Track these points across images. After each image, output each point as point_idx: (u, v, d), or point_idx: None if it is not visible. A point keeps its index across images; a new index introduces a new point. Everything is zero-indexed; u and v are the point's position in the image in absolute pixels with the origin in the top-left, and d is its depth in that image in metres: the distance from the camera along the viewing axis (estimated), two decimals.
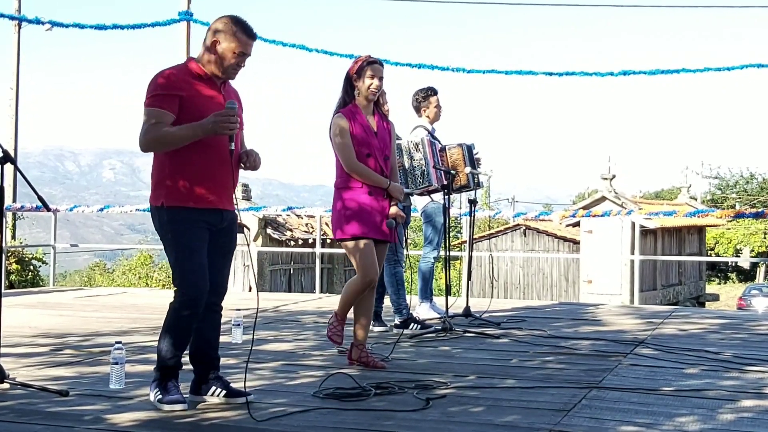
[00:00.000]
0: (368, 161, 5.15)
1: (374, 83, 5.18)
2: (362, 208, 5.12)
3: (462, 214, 11.29)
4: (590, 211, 13.92)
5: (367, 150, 5.15)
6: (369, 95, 5.20)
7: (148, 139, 4.02)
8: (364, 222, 5.11)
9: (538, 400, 4.32)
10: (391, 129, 5.40)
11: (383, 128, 5.30)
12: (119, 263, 34.76)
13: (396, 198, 5.22)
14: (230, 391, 4.30)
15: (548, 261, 31.15)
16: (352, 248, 5.17)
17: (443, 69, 14.42)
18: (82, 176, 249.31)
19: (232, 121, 3.98)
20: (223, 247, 4.28)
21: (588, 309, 8.92)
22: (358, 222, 5.10)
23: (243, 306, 6.95)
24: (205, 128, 3.98)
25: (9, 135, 19.96)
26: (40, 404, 4.22)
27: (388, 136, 5.32)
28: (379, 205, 5.17)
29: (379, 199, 5.17)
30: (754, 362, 5.40)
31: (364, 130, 5.18)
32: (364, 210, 5.12)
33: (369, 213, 5.13)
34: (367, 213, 5.13)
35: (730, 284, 49.21)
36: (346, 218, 5.15)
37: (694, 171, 53.81)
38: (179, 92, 4.06)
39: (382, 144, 5.24)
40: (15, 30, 20.48)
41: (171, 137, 4.01)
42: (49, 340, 6.41)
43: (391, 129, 5.39)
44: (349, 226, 5.13)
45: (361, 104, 5.23)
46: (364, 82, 5.18)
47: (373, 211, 5.14)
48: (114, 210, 13.45)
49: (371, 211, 5.13)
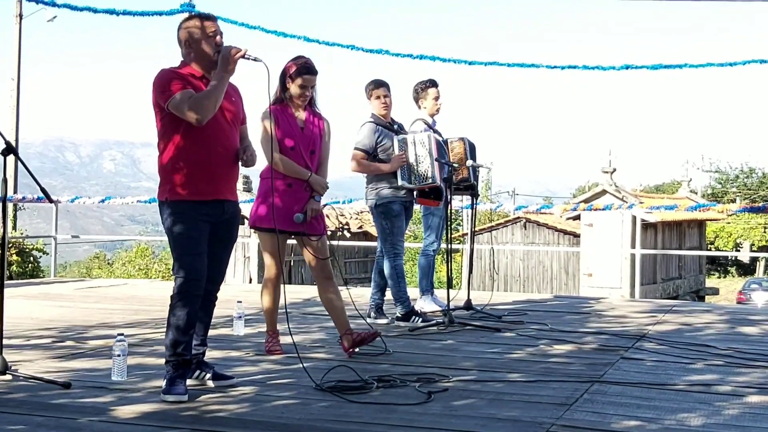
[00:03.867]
0: (292, 154, 5.26)
1: (303, 94, 5.30)
2: (279, 200, 5.22)
3: (463, 207, 11.28)
4: (591, 204, 13.93)
5: (291, 143, 5.27)
6: (297, 101, 5.34)
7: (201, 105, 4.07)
8: (277, 214, 5.15)
9: (540, 394, 4.32)
10: (323, 125, 5.48)
11: (312, 124, 5.39)
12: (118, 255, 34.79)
13: (316, 191, 5.31)
14: (216, 374, 4.46)
15: (548, 254, 31.16)
16: (262, 239, 5.36)
17: (444, 60, 14.34)
18: (83, 167, 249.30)
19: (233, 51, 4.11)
20: (224, 238, 4.41)
21: (589, 302, 8.92)
22: (272, 214, 5.15)
23: (243, 298, 6.94)
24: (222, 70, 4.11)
25: (10, 125, 19.96)
26: (43, 396, 4.22)
27: (317, 132, 5.41)
28: (298, 196, 5.26)
29: (299, 192, 5.27)
30: (757, 357, 5.39)
31: (290, 126, 5.31)
32: (280, 201, 5.23)
33: (285, 204, 5.24)
34: (283, 204, 5.24)
35: (729, 278, 49.28)
36: (262, 208, 5.28)
37: (695, 165, 53.81)
38: (188, 84, 4.17)
39: (309, 139, 5.35)
40: (16, 21, 20.45)
41: (213, 91, 4.10)
42: (50, 332, 6.41)
43: (322, 125, 5.47)
44: (263, 217, 5.26)
45: (291, 104, 5.36)
46: (294, 90, 5.31)
47: (290, 202, 5.24)
48: (115, 201, 13.45)
49: (288, 203, 5.24)
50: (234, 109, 4.35)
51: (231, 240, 4.46)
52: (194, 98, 4.09)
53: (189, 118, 4.08)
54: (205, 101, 4.09)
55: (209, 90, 4.12)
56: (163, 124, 4.22)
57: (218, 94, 4.12)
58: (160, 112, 4.20)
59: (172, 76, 4.19)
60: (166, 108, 4.13)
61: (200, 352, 4.47)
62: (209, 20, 4.30)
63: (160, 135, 4.24)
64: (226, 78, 4.15)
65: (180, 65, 4.31)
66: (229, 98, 4.28)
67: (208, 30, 4.25)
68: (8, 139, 4.72)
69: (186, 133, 4.16)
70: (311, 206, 5.28)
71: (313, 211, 5.28)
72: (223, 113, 4.24)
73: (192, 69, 4.27)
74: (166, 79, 4.17)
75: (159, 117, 4.22)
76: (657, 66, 13.31)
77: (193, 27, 4.27)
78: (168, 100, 4.11)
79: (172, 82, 4.15)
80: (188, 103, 4.08)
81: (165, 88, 4.14)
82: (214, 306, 4.52)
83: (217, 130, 4.21)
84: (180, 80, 4.17)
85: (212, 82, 4.14)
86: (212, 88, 4.12)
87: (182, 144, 4.18)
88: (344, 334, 5.39)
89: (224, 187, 4.30)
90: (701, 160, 54.33)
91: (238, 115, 4.39)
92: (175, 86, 4.13)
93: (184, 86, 4.14)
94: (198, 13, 4.39)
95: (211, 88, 4.12)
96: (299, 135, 5.31)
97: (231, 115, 4.31)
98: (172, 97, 4.10)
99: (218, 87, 4.12)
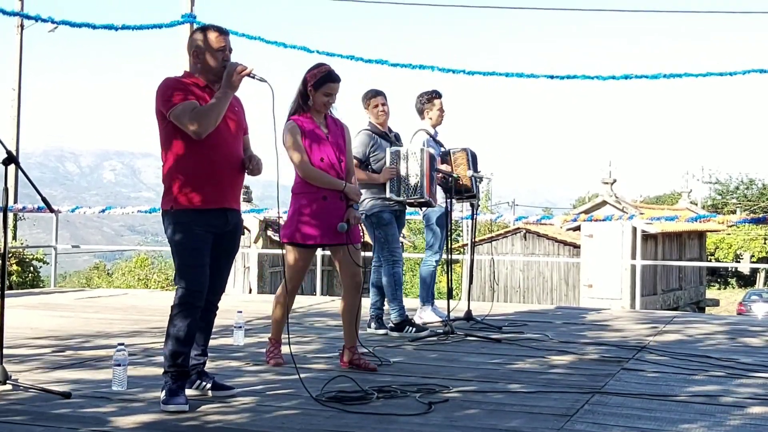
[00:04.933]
0: (322, 165, 5.17)
1: (327, 102, 5.24)
2: (314, 215, 5.14)
3: (463, 217, 11.28)
4: (592, 215, 13.93)
5: (320, 155, 5.17)
6: (321, 109, 5.26)
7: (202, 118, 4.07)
8: (314, 229, 5.12)
9: (541, 405, 4.31)
10: (345, 131, 5.42)
11: (336, 132, 5.32)
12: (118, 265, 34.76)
13: (352, 199, 5.24)
14: (216, 384, 4.44)
15: (548, 265, 31.15)
16: (289, 253, 5.22)
17: (444, 71, 14.38)
18: (83, 177, 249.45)
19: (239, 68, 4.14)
20: (226, 249, 4.40)
21: (589, 313, 8.91)
22: (308, 229, 5.12)
23: (243, 308, 6.94)
24: (226, 86, 4.12)
25: (11, 135, 19.97)
26: (43, 406, 4.21)
27: (341, 139, 5.34)
28: (335, 208, 5.17)
29: (335, 202, 5.18)
30: (758, 368, 5.38)
31: (316, 136, 5.22)
32: (315, 217, 5.14)
33: (320, 219, 5.15)
34: (318, 219, 5.14)
35: (729, 289, 49.25)
36: (297, 224, 5.18)
37: (695, 176, 53.83)
38: (191, 94, 4.18)
39: (336, 147, 5.27)
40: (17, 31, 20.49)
41: (215, 106, 4.11)
42: (50, 342, 6.40)
43: (344, 131, 5.41)
44: (298, 232, 5.17)
45: (313, 113, 5.28)
46: (318, 98, 5.22)
47: (326, 215, 5.15)
48: (115, 211, 13.45)
49: (323, 217, 5.15)
50: (237, 118, 4.36)
51: (233, 250, 4.45)
52: (196, 111, 4.09)
53: (188, 130, 4.08)
54: (206, 115, 4.08)
55: (212, 104, 4.12)
56: (166, 133, 4.22)
57: (220, 110, 4.12)
58: (163, 120, 4.20)
59: (175, 86, 4.20)
60: (168, 117, 4.14)
61: (201, 362, 4.46)
62: (221, 34, 4.29)
63: (163, 144, 4.25)
64: (229, 94, 4.15)
65: (185, 74, 4.32)
66: (232, 108, 4.28)
67: (218, 44, 4.25)
68: (10, 149, 4.72)
69: (189, 142, 4.16)
70: (353, 215, 5.22)
71: (355, 219, 5.24)
72: (226, 123, 4.24)
73: (197, 79, 4.27)
74: (170, 88, 4.18)
75: (162, 126, 4.22)
76: (657, 75, 13.35)
77: (202, 38, 4.27)
78: (170, 110, 4.11)
79: (175, 92, 4.15)
80: (190, 115, 4.08)
81: (168, 97, 4.14)
82: (215, 316, 4.51)
83: (220, 139, 4.21)
84: (183, 90, 4.17)
85: (215, 97, 4.14)
86: (215, 102, 4.12)
87: (186, 153, 4.17)
88: (349, 348, 5.32)
89: (228, 196, 4.29)
90: (701, 171, 54.35)
91: (241, 125, 4.40)
92: (177, 96, 4.13)
93: (187, 96, 4.15)
94: (210, 26, 4.36)
95: (213, 103, 4.12)
96: (326, 144, 5.21)
97: (234, 125, 4.32)
98: (174, 107, 4.11)
99: (221, 102, 4.12)
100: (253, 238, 21.22)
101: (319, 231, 5.13)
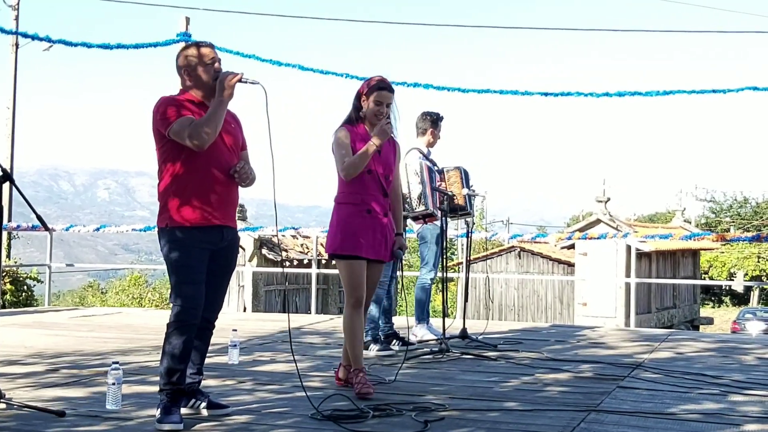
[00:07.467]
0: (368, 178, 5.08)
1: (379, 111, 5.13)
2: (358, 226, 5.06)
3: (458, 235, 11.29)
4: (586, 233, 13.95)
5: (368, 167, 5.09)
6: (372, 120, 5.17)
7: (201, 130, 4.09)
8: (357, 240, 5.04)
9: (537, 423, 4.30)
10: (396, 147, 5.34)
11: (388, 148, 5.22)
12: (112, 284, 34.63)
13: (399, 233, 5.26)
14: (211, 403, 4.41)
15: (543, 283, 31.13)
16: (342, 266, 5.13)
17: (439, 88, 14.40)
18: (77, 196, 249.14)
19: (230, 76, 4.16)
20: (222, 266, 4.39)
21: (584, 331, 8.91)
22: (352, 240, 5.05)
23: (238, 327, 6.92)
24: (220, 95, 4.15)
25: (5, 154, 19.97)
26: (37, 425, 4.18)
27: (392, 156, 5.26)
28: (377, 222, 5.10)
29: (378, 216, 5.10)
30: (753, 386, 5.38)
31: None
32: (359, 228, 5.06)
33: (364, 231, 5.06)
34: (363, 231, 5.06)
35: (723, 308, 49.25)
36: (341, 235, 5.09)
37: (689, 194, 53.89)
38: (185, 109, 4.20)
39: (385, 163, 5.17)
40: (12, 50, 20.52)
41: (212, 116, 4.13)
42: (44, 360, 6.38)
43: (396, 147, 5.33)
44: (343, 244, 5.08)
45: (367, 124, 5.20)
46: (369, 107, 5.15)
47: (369, 229, 5.07)
48: (109, 230, 13.43)
49: (366, 230, 5.07)
50: (233, 135, 4.37)
51: (230, 268, 4.43)
52: (194, 124, 4.10)
53: (190, 144, 4.10)
54: (204, 127, 4.10)
55: (208, 115, 4.13)
56: (163, 151, 4.23)
57: (218, 120, 4.14)
58: (161, 139, 4.21)
59: (170, 103, 4.21)
60: (167, 135, 4.15)
61: (196, 380, 4.44)
62: (207, 48, 4.34)
63: (160, 162, 4.26)
64: (224, 103, 4.17)
65: (179, 92, 4.34)
66: (227, 125, 4.30)
67: (206, 57, 4.29)
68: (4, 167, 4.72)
69: (186, 160, 4.17)
70: (401, 243, 5.28)
71: (403, 247, 5.30)
72: (222, 140, 4.25)
73: (191, 95, 4.30)
74: (164, 105, 4.20)
75: (159, 144, 4.24)
76: (651, 93, 13.38)
77: (191, 55, 4.31)
78: (168, 128, 4.13)
79: (168, 108, 4.17)
80: (188, 129, 4.09)
81: (164, 115, 4.16)
82: (211, 334, 4.48)
83: (216, 156, 4.22)
84: (177, 107, 4.19)
85: (212, 106, 4.16)
86: (211, 113, 4.14)
87: (182, 171, 4.19)
88: (346, 365, 5.25)
89: (223, 213, 4.28)
90: (695, 189, 54.46)
91: (237, 142, 4.41)
92: (171, 112, 4.15)
93: (181, 112, 4.16)
94: (195, 42, 4.43)
95: (210, 114, 4.14)
96: (376, 158, 5.08)
97: (230, 142, 4.33)
98: (171, 124, 4.12)
99: (217, 112, 4.14)
100: (248, 256, 21.18)
101: (361, 245, 5.05)
